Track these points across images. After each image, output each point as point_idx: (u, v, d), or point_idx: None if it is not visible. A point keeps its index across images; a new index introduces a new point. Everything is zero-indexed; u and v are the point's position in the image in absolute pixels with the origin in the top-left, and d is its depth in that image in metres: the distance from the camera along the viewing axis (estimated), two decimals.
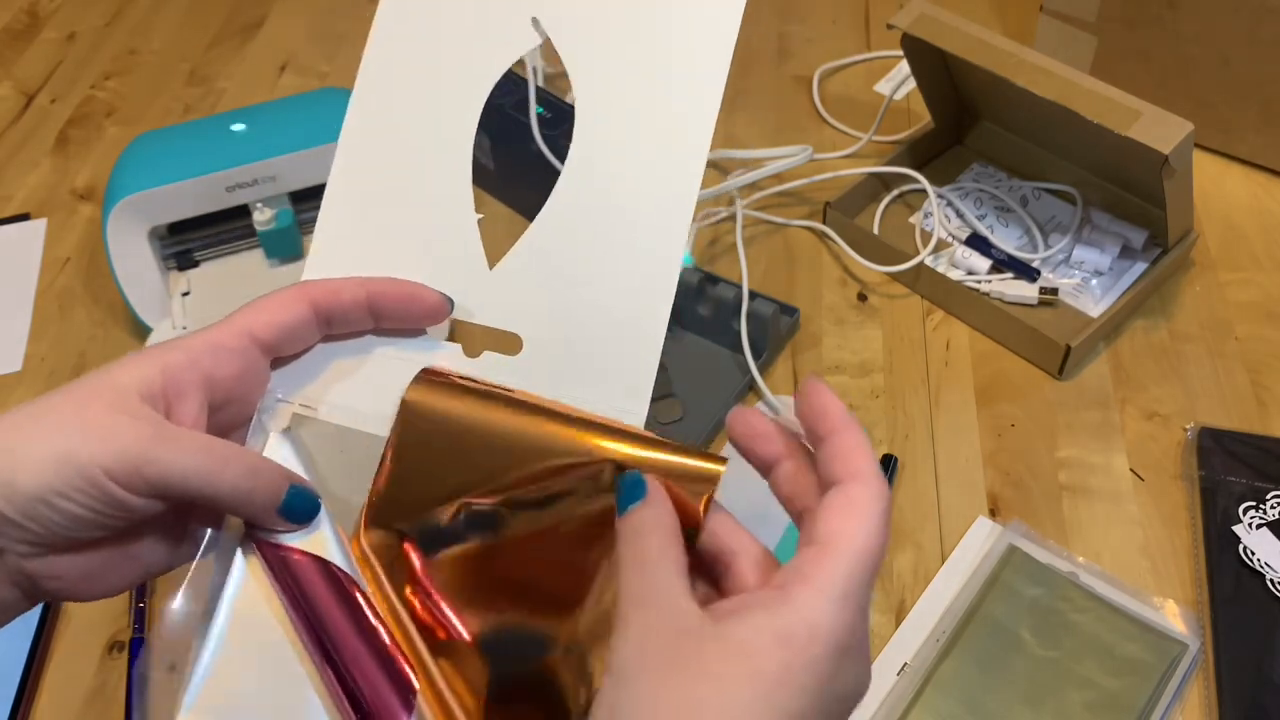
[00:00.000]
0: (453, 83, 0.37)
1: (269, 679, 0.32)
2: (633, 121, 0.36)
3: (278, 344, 0.34)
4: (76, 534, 0.31)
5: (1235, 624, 0.57)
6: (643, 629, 0.28)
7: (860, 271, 0.77)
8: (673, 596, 0.29)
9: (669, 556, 0.30)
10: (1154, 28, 0.80)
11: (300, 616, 0.32)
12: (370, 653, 0.32)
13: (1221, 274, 0.76)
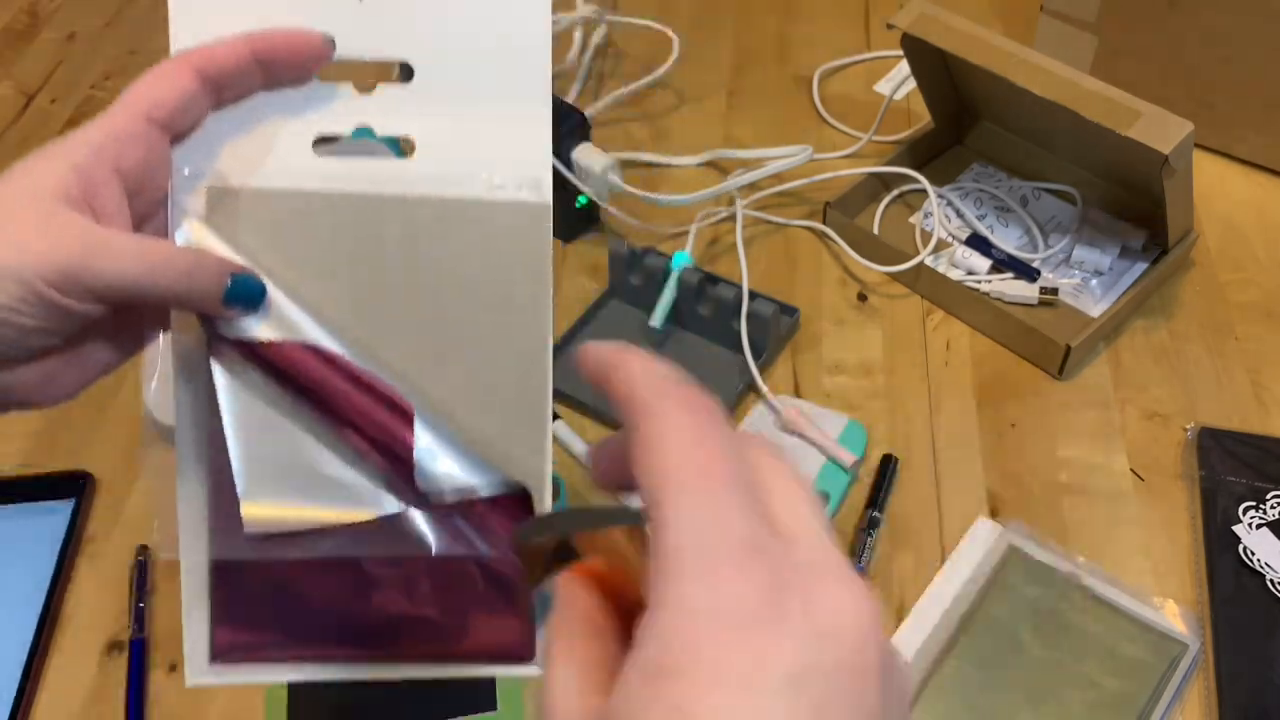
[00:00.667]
0: None
1: (286, 451, 0.35)
2: None
3: (173, 121, 0.33)
4: (27, 344, 0.31)
5: (1235, 624, 0.57)
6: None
7: (860, 271, 0.77)
8: (566, 704, 0.23)
9: (563, 659, 0.24)
10: (1154, 28, 0.80)
11: (294, 390, 0.34)
12: (370, 398, 0.35)
13: (1221, 274, 0.76)
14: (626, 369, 0.25)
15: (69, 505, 0.65)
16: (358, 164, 0.36)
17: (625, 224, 0.80)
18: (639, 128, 0.91)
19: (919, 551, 0.61)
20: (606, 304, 0.75)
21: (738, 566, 0.22)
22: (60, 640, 0.60)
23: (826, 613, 0.23)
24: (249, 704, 0.57)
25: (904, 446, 0.67)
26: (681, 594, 0.22)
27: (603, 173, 0.75)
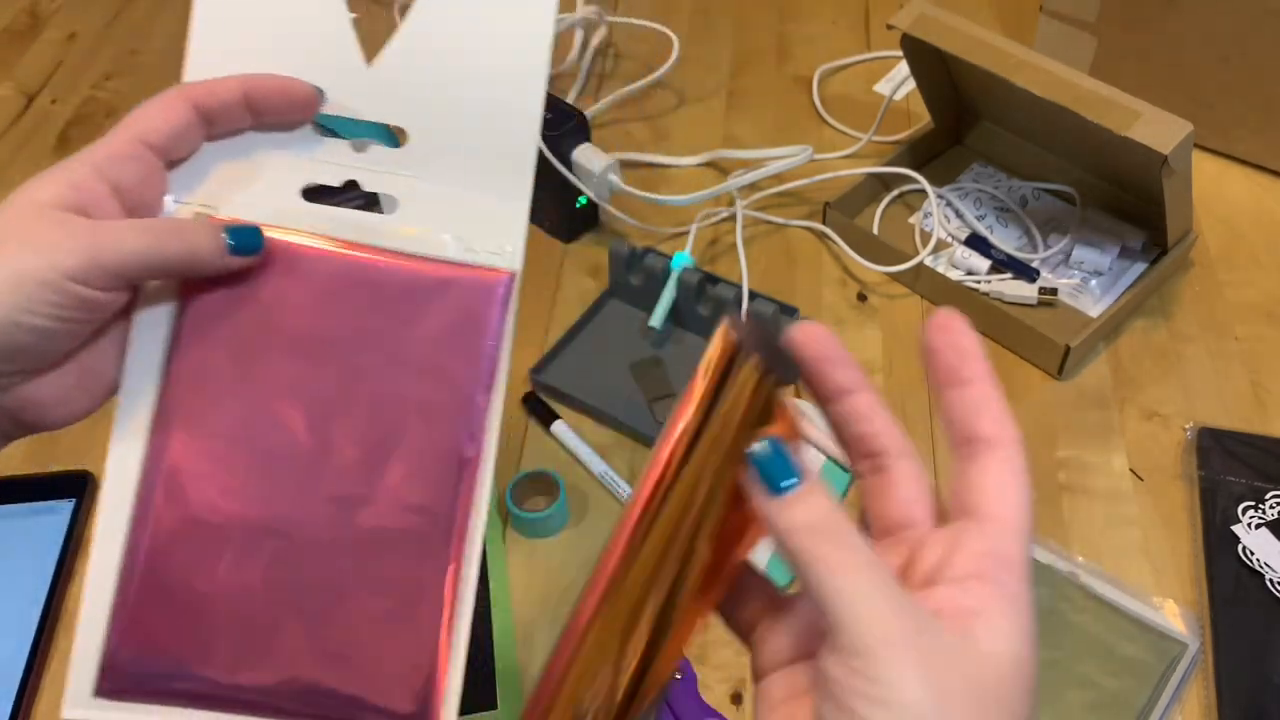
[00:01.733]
0: None
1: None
2: None
3: (168, 148, 0.36)
4: (48, 349, 0.33)
5: (1235, 624, 0.57)
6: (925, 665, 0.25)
7: (860, 271, 0.77)
8: (911, 613, 0.26)
9: (876, 567, 0.26)
10: (1154, 28, 0.80)
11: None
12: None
13: (1221, 274, 0.76)
14: (962, 335, 0.30)
15: (70, 505, 0.66)
16: (341, 214, 0.37)
17: (625, 224, 0.80)
18: (639, 128, 0.91)
19: None
20: (606, 304, 0.76)
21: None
22: (61, 640, 0.61)
23: None
24: None
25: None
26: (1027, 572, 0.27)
27: (603, 173, 0.75)
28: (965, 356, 0.30)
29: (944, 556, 0.28)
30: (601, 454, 0.67)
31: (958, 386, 0.30)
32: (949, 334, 0.30)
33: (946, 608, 0.26)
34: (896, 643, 0.25)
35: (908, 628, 0.25)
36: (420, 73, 0.38)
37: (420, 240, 0.37)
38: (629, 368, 0.71)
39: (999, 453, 0.29)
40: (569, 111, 0.76)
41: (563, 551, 0.63)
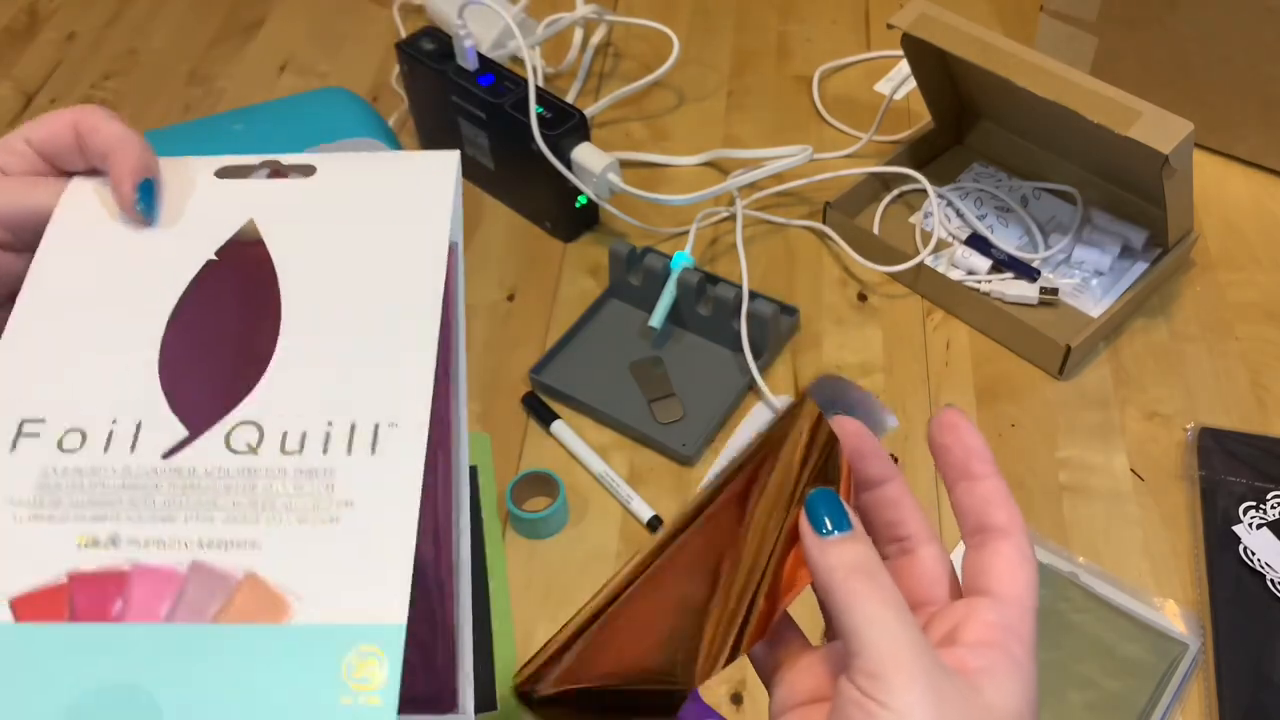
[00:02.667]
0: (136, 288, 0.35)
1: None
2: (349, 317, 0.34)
3: (51, 154, 0.37)
4: None
5: (1235, 624, 0.57)
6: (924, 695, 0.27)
7: (860, 271, 0.77)
8: (929, 652, 0.28)
9: (903, 607, 0.29)
10: (1154, 28, 0.80)
11: None
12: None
13: (1221, 274, 0.76)
14: (971, 436, 0.33)
15: None
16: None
17: (625, 224, 0.80)
18: (639, 127, 0.91)
19: None
20: (606, 304, 0.75)
21: None
22: None
23: None
24: None
25: (904, 446, 0.67)
26: (1034, 647, 0.30)
27: (603, 173, 0.75)
28: (972, 454, 0.33)
29: (959, 624, 0.31)
30: (601, 454, 0.67)
31: (967, 480, 0.33)
32: (956, 433, 0.33)
33: (959, 666, 0.29)
34: (912, 673, 0.27)
35: (924, 663, 0.27)
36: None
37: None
38: (629, 368, 0.71)
39: (1011, 539, 0.32)
40: (569, 111, 0.76)
41: (563, 551, 0.63)
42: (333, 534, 0.29)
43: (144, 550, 0.29)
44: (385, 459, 0.31)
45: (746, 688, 0.57)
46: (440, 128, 0.85)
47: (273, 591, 0.28)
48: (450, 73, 0.80)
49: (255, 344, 0.33)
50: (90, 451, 0.31)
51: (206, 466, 0.31)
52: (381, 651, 0.28)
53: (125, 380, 0.32)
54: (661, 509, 0.64)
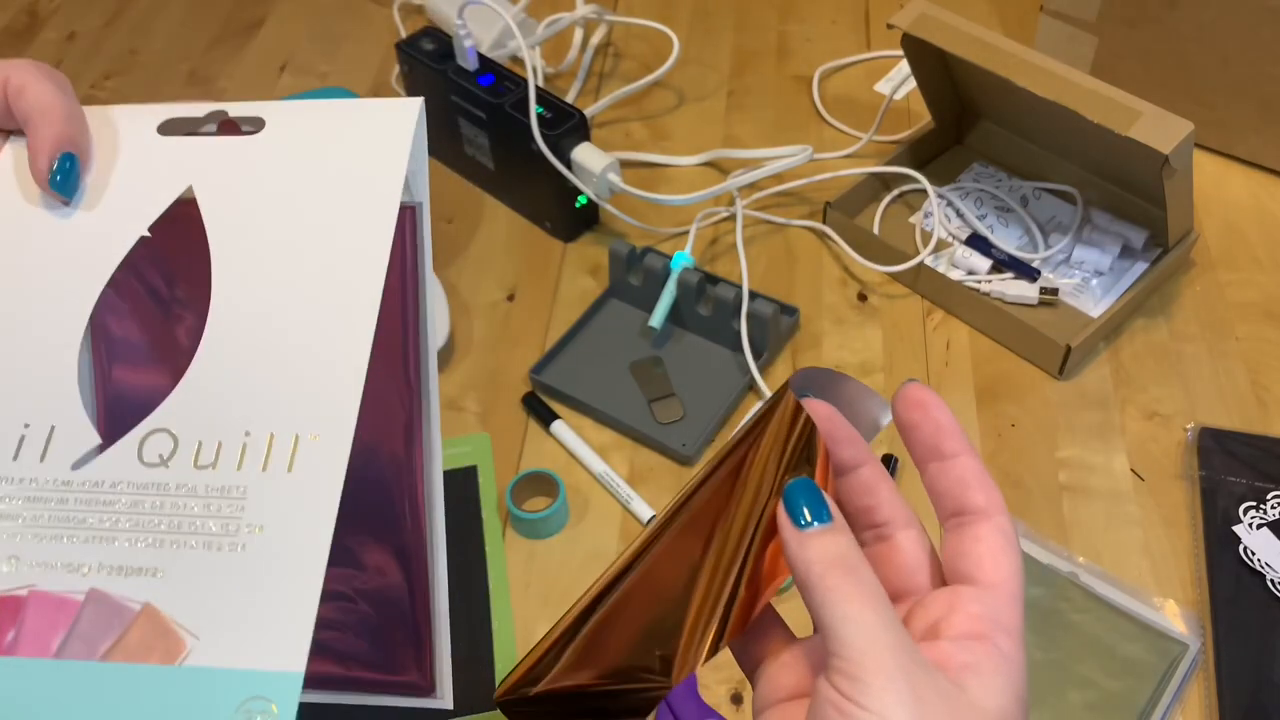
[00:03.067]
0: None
1: None
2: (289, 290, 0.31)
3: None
4: None
5: (1235, 624, 0.57)
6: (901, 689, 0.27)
7: (860, 271, 0.77)
8: (910, 651, 0.27)
9: (883, 603, 0.28)
10: (1154, 28, 0.80)
11: None
12: None
13: (1221, 274, 0.76)
14: (939, 411, 0.31)
15: None
16: None
17: (625, 224, 0.80)
18: (639, 127, 0.91)
19: None
20: (606, 304, 0.75)
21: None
22: None
23: None
24: None
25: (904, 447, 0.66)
26: (1021, 636, 0.28)
27: (603, 172, 0.75)
28: (943, 432, 0.31)
29: (943, 616, 0.29)
30: (601, 454, 0.67)
31: (939, 460, 0.31)
32: (924, 409, 0.31)
33: (943, 662, 0.28)
34: (892, 674, 0.26)
35: (904, 663, 0.26)
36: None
37: None
38: (629, 368, 0.71)
39: (992, 521, 0.30)
40: (569, 111, 0.76)
41: (563, 551, 0.63)
42: (239, 564, 0.28)
43: (42, 573, 0.28)
44: (302, 477, 0.28)
45: (746, 688, 0.57)
46: (440, 127, 0.85)
47: (169, 628, 0.27)
48: (450, 73, 0.80)
49: (179, 338, 0.31)
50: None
51: (114, 479, 0.29)
52: (275, 705, 0.26)
53: (41, 380, 0.30)
54: (661, 509, 0.64)
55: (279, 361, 0.30)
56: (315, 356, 0.30)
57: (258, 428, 0.29)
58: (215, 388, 0.30)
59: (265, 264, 0.31)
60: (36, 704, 0.26)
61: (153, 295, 0.32)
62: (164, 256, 0.32)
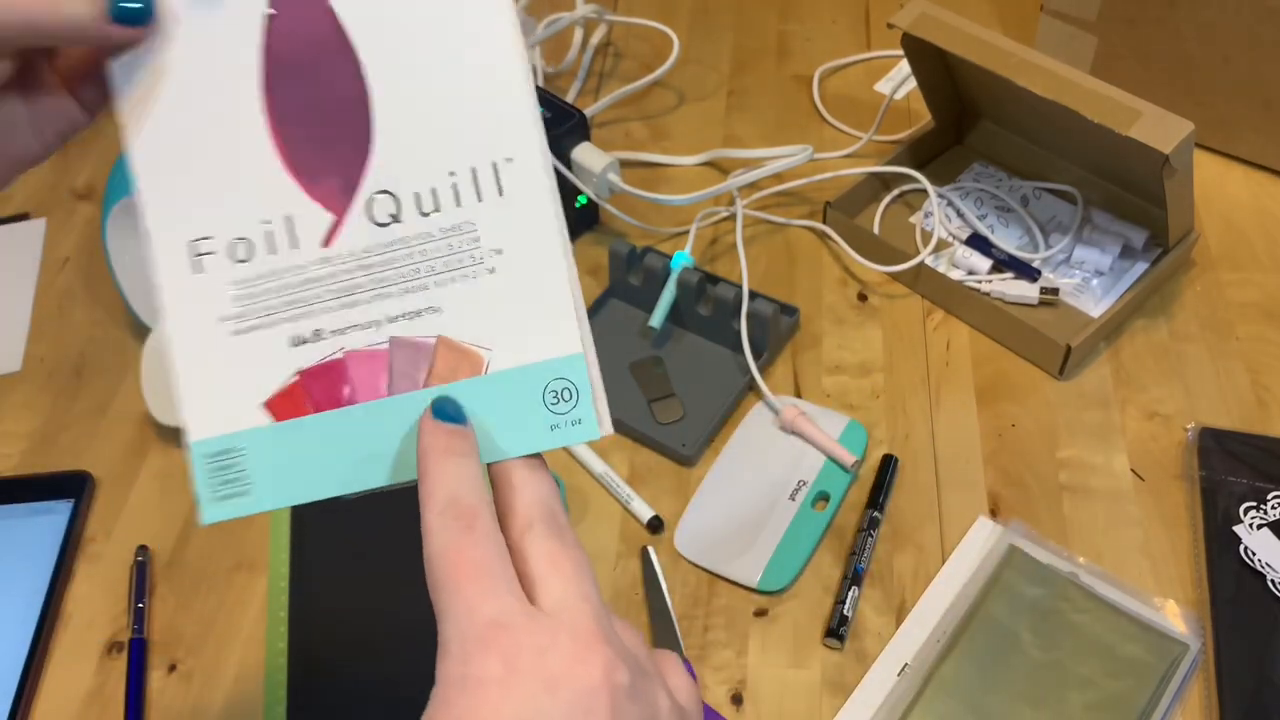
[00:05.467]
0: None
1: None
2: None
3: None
4: None
5: (1236, 624, 0.57)
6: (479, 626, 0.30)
7: (860, 271, 0.77)
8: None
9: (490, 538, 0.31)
10: (1155, 27, 0.80)
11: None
12: None
13: (1222, 274, 0.76)
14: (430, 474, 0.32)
15: (69, 505, 0.65)
16: None
17: (625, 224, 0.80)
18: (639, 127, 0.91)
19: (919, 551, 0.61)
20: (606, 304, 0.75)
21: (481, 642, 0.30)
22: (60, 640, 0.60)
23: (559, 666, 0.30)
24: (247, 704, 0.57)
25: (904, 446, 0.67)
26: (446, 671, 0.30)
27: (603, 172, 0.75)
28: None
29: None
30: (601, 454, 0.67)
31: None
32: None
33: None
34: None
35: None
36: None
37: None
38: (629, 368, 0.71)
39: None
40: (569, 110, 0.76)
41: None
42: (496, 283, 0.33)
43: (346, 337, 0.33)
44: (514, 197, 0.33)
45: (747, 688, 0.57)
46: None
47: (464, 349, 0.32)
48: None
49: (349, 102, 0.33)
50: (261, 257, 0.33)
51: (364, 245, 0.33)
52: (572, 380, 0.32)
53: (255, 177, 0.33)
54: (661, 509, 0.64)
55: (449, 101, 0.33)
56: (478, 88, 0.33)
57: (459, 165, 0.33)
58: (404, 141, 0.33)
59: (393, 22, 0.33)
60: (387, 436, 0.32)
61: (308, 68, 0.33)
62: (294, 25, 0.33)
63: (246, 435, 0.32)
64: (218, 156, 0.33)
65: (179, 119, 0.33)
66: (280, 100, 0.33)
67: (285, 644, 0.59)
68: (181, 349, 0.33)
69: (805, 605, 0.60)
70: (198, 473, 0.32)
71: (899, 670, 0.56)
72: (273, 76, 0.33)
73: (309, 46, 0.33)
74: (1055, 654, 0.56)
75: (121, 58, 0.33)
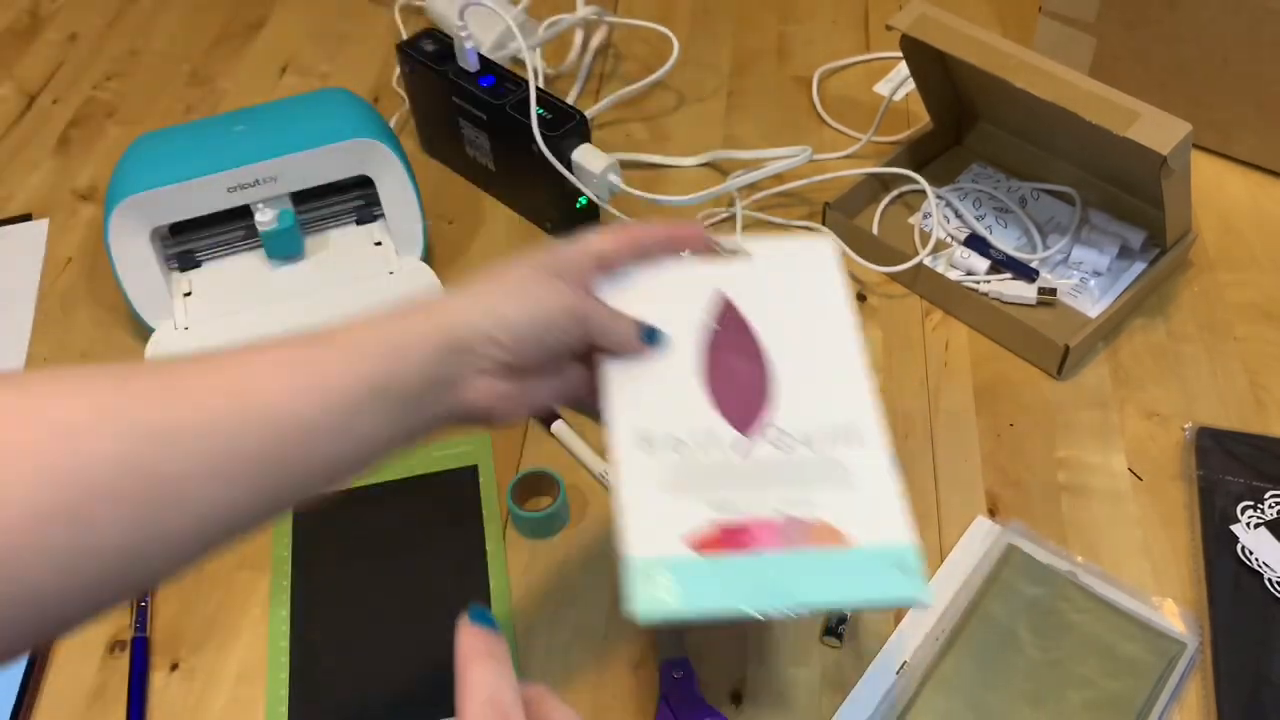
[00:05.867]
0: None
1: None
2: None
3: (608, 261, 0.49)
4: (535, 359, 0.45)
5: (1233, 623, 0.57)
6: None
7: (859, 272, 0.77)
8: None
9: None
10: (1153, 29, 0.80)
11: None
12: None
13: (1220, 274, 0.76)
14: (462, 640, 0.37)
15: None
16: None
17: None
18: (639, 128, 0.91)
19: None
20: None
21: None
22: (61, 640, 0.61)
23: None
24: (249, 703, 0.58)
25: (903, 446, 0.67)
26: None
27: (603, 173, 0.76)
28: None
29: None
30: (601, 454, 0.67)
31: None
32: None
33: None
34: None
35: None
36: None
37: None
38: None
39: None
40: (569, 112, 0.76)
41: (563, 551, 0.63)
42: (856, 495, 0.45)
43: (751, 509, 0.44)
44: (865, 445, 0.46)
45: (746, 686, 0.57)
46: (441, 129, 0.85)
47: (837, 529, 0.43)
48: (451, 74, 0.80)
49: (756, 371, 0.48)
50: (690, 451, 0.46)
51: (764, 456, 0.46)
52: (909, 559, 0.43)
53: (692, 407, 0.47)
54: None
55: (821, 374, 0.49)
56: (836, 367, 0.49)
57: (831, 420, 0.47)
58: (796, 403, 0.47)
59: (782, 331, 0.50)
60: (773, 578, 0.42)
61: (730, 350, 0.49)
62: (723, 331, 0.50)
63: (670, 560, 0.42)
64: (667, 389, 0.48)
65: (644, 364, 0.49)
66: (711, 366, 0.49)
67: (287, 643, 0.59)
68: (629, 496, 0.44)
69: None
70: (633, 581, 0.41)
71: (898, 668, 0.57)
72: (709, 354, 0.49)
73: (732, 338, 0.49)
74: (1053, 653, 0.56)
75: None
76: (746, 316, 0.51)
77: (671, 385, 0.49)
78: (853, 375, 0.49)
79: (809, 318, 0.51)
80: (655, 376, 0.49)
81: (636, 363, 0.49)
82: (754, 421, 0.47)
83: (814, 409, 0.47)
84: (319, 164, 0.74)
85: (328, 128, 0.74)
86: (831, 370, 0.49)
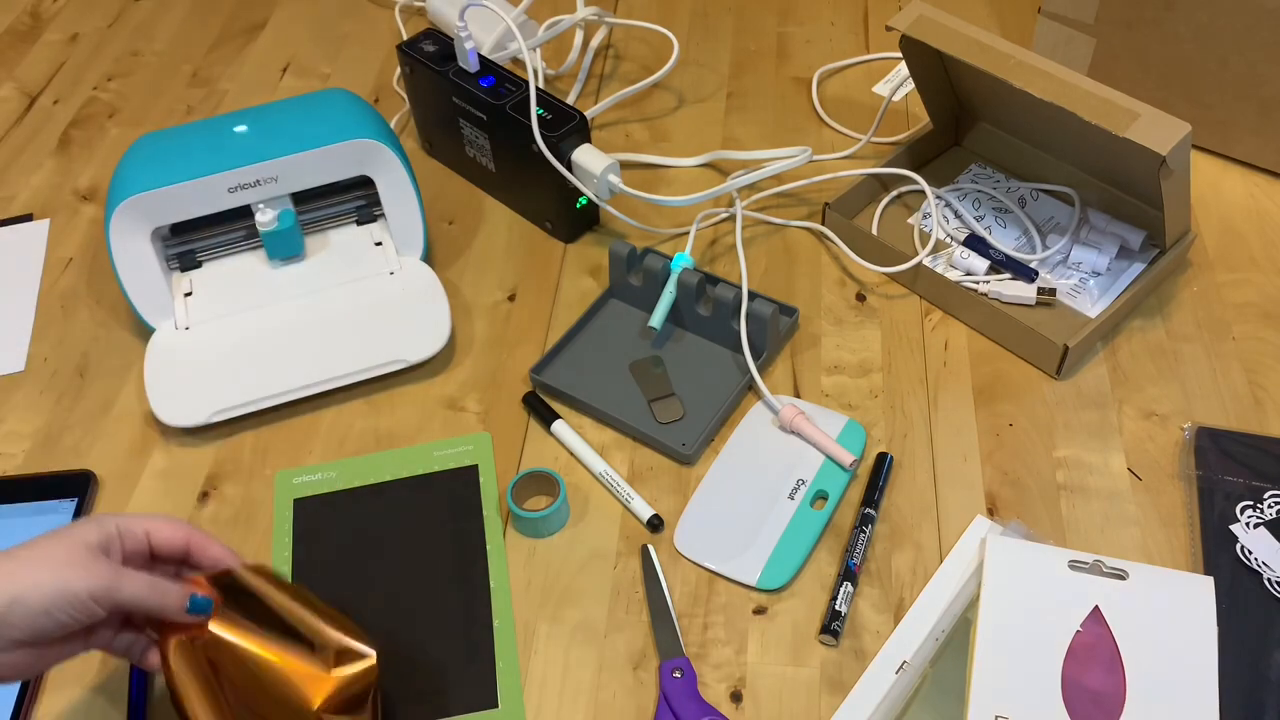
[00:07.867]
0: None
1: None
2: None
3: (160, 554, 0.53)
4: (52, 634, 0.47)
5: (1232, 623, 0.57)
6: None
7: (859, 272, 0.77)
8: None
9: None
10: (1152, 29, 0.80)
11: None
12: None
13: (1219, 274, 0.76)
14: None
15: (72, 505, 0.66)
16: None
17: (625, 225, 0.81)
18: (639, 129, 0.91)
19: (918, 550, 0.62)
20: (606, 304, 0.76)
21: None
22: None
23: None
24: None
25: (902, 446, 0.67)
26: None
27: (603, 174, 0.76)
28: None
29: None
30: (601, 454, 0.67)
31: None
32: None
33: None
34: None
35: None
36: None
37: None
38: (629, 368, 0.71)
39: None
40: (569, 112, 0.76)
41: (563, 551, 0.63)
42: None
43: None
44: None
45: (746, 686, 0.57)
46: (441, 129, 0.85)
47: None
48: (451, 74, 0.80)
49: (1110, 685, 0.53)
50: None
51: None
52: None
53: (1044, 699, 0.52)
54: (661, 508, 0.64)
55: (1174, 706, 0.53)
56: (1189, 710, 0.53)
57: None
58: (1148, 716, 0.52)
59: (1147, 652, 0.54)
60: None
61: (1090, 656, 0.54)
62: (1088, 636, 0.55)
63: None
64: (1027, 680, 0.53)
65: (1013, 651, 0.55)
66: (1071, 669, 0.53)
67: None
68: None
69: (804, 603, 0.60)
70: None
71: (897, 668, 0.57)
72: (1072, 657, 0.54)
73: (1097, 648, 0.54)
74: None
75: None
76: (1115, 633, 0.55)
77: (1032, 677, 0.53)
78: (1203, 713, 0.52)
79: (1173, 649, 0.54)
80: (1020, 665, 0.54)
81: (1007, 648, 0.55)
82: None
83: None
84: (319, 164, 0.74)
85: (328, 128, 0.74)
86: (1183, 704, 0.52)
